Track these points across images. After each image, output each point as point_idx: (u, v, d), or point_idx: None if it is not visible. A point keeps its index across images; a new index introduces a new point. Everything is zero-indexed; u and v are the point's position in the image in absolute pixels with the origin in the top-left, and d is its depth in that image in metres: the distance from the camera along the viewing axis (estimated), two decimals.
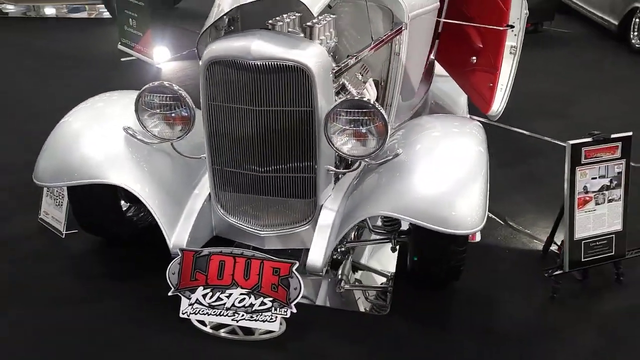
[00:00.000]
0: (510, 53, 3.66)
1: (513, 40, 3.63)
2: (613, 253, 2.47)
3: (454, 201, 2.13)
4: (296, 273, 2.22)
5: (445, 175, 2.20)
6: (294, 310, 2.20)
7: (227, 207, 2.59)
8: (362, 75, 2.93)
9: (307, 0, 2.24)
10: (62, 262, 2.75)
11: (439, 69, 4.44)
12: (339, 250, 2.63)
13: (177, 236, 2.46)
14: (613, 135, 2.35)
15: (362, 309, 2.54)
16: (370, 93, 2.97)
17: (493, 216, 3.13)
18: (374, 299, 2.64)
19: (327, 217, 2.44)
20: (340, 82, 2.63)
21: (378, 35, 2.91)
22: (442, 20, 3.60)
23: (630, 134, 2.38)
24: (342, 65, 2.51)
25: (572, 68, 6.37)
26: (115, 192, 2.67)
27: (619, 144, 2.36)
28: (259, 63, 2.21)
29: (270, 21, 2.54)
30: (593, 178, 2.37)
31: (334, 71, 2.42)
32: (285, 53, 2.22)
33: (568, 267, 2.41)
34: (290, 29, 2.48)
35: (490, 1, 3.55)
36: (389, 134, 2.24)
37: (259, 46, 2.22)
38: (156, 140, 2.50)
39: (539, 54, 6.88)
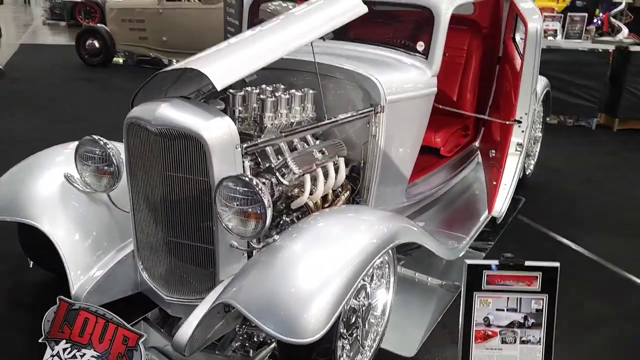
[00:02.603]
0: (516, 151, 3.20)
1: (520, 137, 3.18)
2: None
3: (297, 303, 1.89)
4: (142, 346, 2.13)
5: (304, 270, 1.98)
6: None
7: (145, 264, 2.61)
8: (323, 154, 2.78)
9: (212, 73, 2.23)
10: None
11: None
12: (238, 332, 2.48)
13: (82, 284, 2.52)
14: (529, 263, 1.91)
15: None
16: (331, 172, 2.79)
17: (447, 333, 2.70)
18: None
19: (216, 292, 2.32)
20: (284, 159, 2.54)
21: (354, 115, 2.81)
22: (444, 107, 3.29)
23: (556, 264, 1.92)
24: (261, 142, 2.43)
25: None
26: None
27: (538, 274, 1.91)
28: (158, 128, 2.25)
29: (231, 90, 2.58)
30: (499, 309, 1.93)
31: (246, 146, 2.35)
32: (182, 121, 2.22)
33: None
34: (212, 100, 2.47)
35: (507, 94, 3.20)
36: (268, 219, 2.11)
37: (162, 112, 2.26)
38: (88, 189, 2.64)
39: None
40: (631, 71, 6.48)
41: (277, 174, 2.46)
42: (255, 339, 2.54)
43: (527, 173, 4.69)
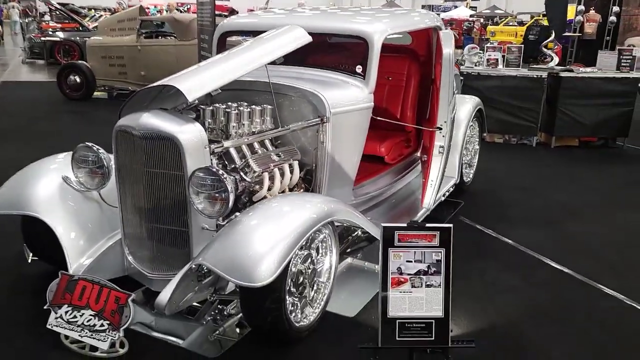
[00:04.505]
0: (439, 152, 3.85)
1: (442, 141, 3.84)
2: (433, 338, 2.53)
3: (251, 260, 2.45)
4: (131, 303, 2.66)
5: (257, 237, 2.55)
6: (122, 334, 2.62)
7: (130, 250, 3.13)
8: (279, 157, 3.36)
9: (184, 88, 2.82)
10: (4, 277, 3.52)
11: None
12: (210, 299, 3.01)
13: (77, 268, 3.04)
14: (429, 225, 2.51)
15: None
16: (286, 172, 3.36)
17: None
18: None
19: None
20: (245, 160, 3.11)
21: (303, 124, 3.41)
22: (379, 118, 3.92)
23: (449, 226, 2.52)
24: (226, 143, 3.01)
25: (613, 186, 6.06)
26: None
27: (437, 233, 2.51)
28: (142, 133, 2.82)
29: (202, 106, 3.18)
30: (408, 261, 2.52)
31: (213, 147, 2.92)
32: (161, 126, 2.80)
33: (380, 343, 2.52)
34: (185, 110, 3.06)
35: (433, 107, 3.87)
36: (230, 201, 2.68)
37: (144, 120, 2.83)
38: (82, 189, 3.18)
39: (589, 168, 6.69)
40: (563, 94, 7.29)
41: (241, 172, 3.04)
42: (225, 313, 3.06)
43: (467, 181, 5.35)
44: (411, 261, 2.52)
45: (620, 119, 7.45)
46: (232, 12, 23.80)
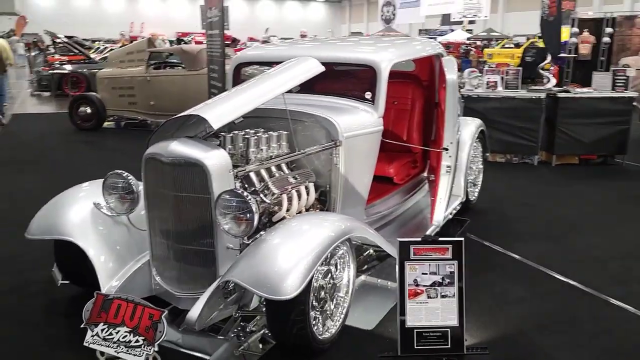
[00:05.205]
0: (447, 172, 4.06)
1: (449, 161, 4.05)
2: (449, 346, 2.69)
3: (278, 275, 2.64)
4: (164, 319, 2.83)
5: (282, 253, 2.74)
6: (156, 349, 2.78)
7: (158, 270, 3.31)
8: (296, 179, 3.56)
9: (210, 117, 3.04)
10: (37, 300, 3.68)
11: None
12: (235, 315, 3.18)
13: (110, 287, 3.22)
14: (441, 239, 2.70)
15: None
16: (303, 193, 3.56)
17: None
18: None
19: (217, 284, 3.04)
20: (265, 182, 3.31)
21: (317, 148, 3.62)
22: (388, 141, 4.14)
23: (461, 239, 2.71)
24: (249, 167, 3.21)
25: (614, 200, 6.25)
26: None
27: (450, 246, 2.69)
28: (170, 159, 3.02)
29: (222, 133, 3.39)
30: (423, 273, 2.70)
31: (236, 171, 3.13)
32: (189, 153, 3.01)
33: (400, 352, 2.69)
34: (208, 137, 3.27)
35: (439, 129, 4.09)
36: (255, 222, 2.87)
37: (172, 148, 3.04)
38: (112, 214, 3.38)
39: (590, 185, 6.88)
40: (561, 114, 7.54)
41: (261, 195, 3.24)
42: (247, 330, 3.23)
43: (472, 199, 5.54)
44: (426, 273, 2.70)
45: (617, 136, 7.67)
46: (234, 40, 24.30)
